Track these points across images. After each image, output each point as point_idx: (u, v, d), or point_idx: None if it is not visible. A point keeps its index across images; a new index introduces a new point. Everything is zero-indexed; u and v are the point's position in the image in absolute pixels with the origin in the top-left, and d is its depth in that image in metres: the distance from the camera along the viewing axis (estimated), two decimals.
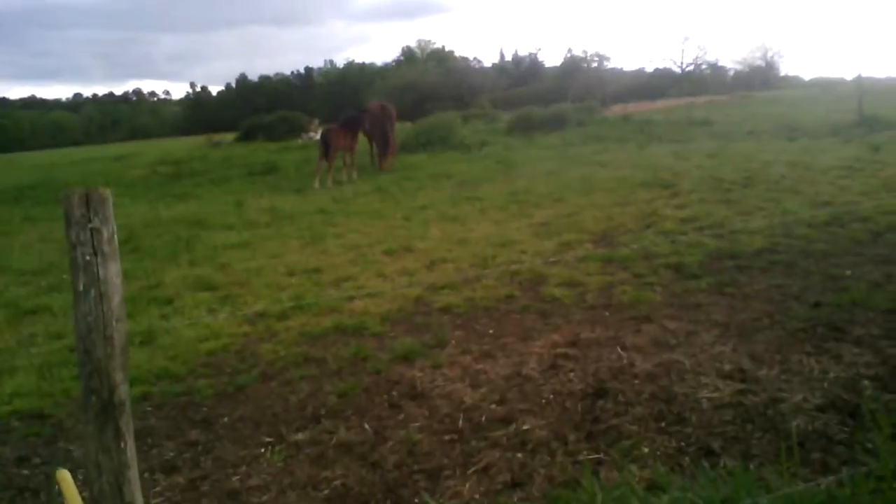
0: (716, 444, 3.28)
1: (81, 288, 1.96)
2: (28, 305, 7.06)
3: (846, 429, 3.31)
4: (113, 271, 1.99)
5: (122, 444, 2.08)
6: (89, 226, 1.96)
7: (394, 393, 4.25)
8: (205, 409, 4.34)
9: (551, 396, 3.98)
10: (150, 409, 4.40)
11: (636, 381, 4.06)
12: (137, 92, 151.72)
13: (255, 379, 4.69)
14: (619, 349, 4.58)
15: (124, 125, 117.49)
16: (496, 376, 4.32)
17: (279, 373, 4.76)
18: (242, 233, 10.14)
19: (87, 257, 1.96)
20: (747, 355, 4.31)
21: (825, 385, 3.80)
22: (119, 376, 2.01)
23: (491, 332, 5.20)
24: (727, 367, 4.15)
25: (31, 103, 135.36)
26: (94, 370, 1.99)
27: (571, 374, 4.25)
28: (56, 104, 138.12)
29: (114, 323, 2.00)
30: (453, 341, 5.02)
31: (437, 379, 4.37)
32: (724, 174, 11.89)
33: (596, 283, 6.15)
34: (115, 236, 2.05)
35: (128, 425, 2.10)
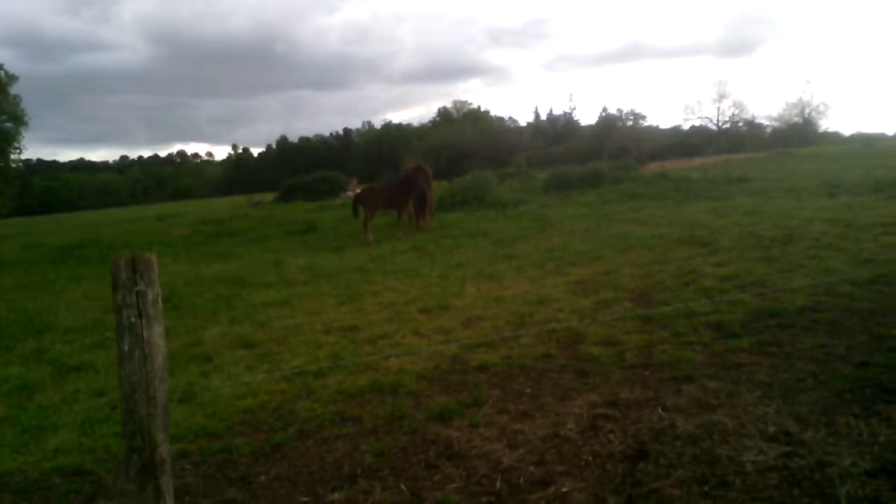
0: None
1: (126, 349, 2.00)
2: (72, 362, 7.19)
3: None
4: (157, 333, 2.03)
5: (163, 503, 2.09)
6: (135, 289, 2.00)
7: (430, 453, 4.21)
8: (242, 467, 4.34)
9: (590, 458, 3.90)
10: (188, 466, 4.41)
11: (677, 443, 3.97)
12: (181, 154, 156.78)
13: (292, 437, 4.69)
14: (659, 410, 4.50)
15: (168, 186, 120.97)
16: (534, 437, 4.27)
17: (315, 431, 4.75)
18: (281, 291, 10.27)
19: (133, 319, 2.00)
20: (792, 417, 4.19)
21: (875, 449, 3.67)
22: (160, 436, 2.03)
23: (528, 391, 5.14)
24: (771, 428, 4.05)
25: (80, 166, 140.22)
26: (137, 429, 2.01)
27: (611, 436, 4.17)
28: (103, 166, 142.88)
29: (157, 383, 2.03)
30: (490, 400, 4.98)
31: (474, 439, 4.33)
32: (763, 231, 11.76)
33: (634, 341, 6.07)
34: (160, 299, 2.10)
35: (168, 485, 2.11)
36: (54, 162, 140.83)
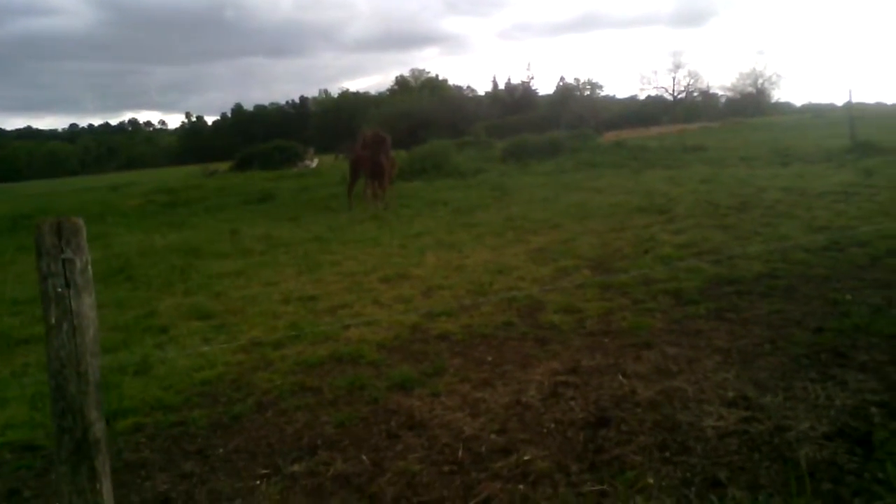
0: (722, 475, 3.20)
1: (53, 321, 1.88)
2: (20, 335, 6.96)
3: (856, 458, 3.23)
4: (87, 304, 1.90)
5: (98, 486, 1.98)
6: (61, 256, 1.87)
7: (392, 423, 4.16)
8: (199, 439, 4.24)
9: (552, 425, 3.90)
10: (143, 440, 4.30)
11: (639, 410, 3.98)
12: (133, 122, 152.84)
13: (251, 409, 4.60)
14: (620, 376, 4.51)
15: (120, 155, 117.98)
16: (496, 405, 4.24)
17: (274, 402, 4.66)
18: (237, 261, 10.08)
19: (59, 289, 1.87)
20: (751, 382, 4.24)
21: (832, 412, 3.73)
22: (94, 414, 1.92)
23: (489, 359, 5.12)
24: (731, 394, 4.08)
25: (27, 134, 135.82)
26: (68, 408, 1.90)
27: (572, 403, 4.17)
28: (52, 134, 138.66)
29: (88, 358, 1.91)
30: (451, 369, 4.94)
31: (435, 408, 4.29)
32: (719, 199, 11.91)
33: (594, 309, 6.09)
34: (90, 267, 1.97)
35: (104, 465, 2.00)
36: (0, 130, 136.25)
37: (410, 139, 40.62)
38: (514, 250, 9.11)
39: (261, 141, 47.05)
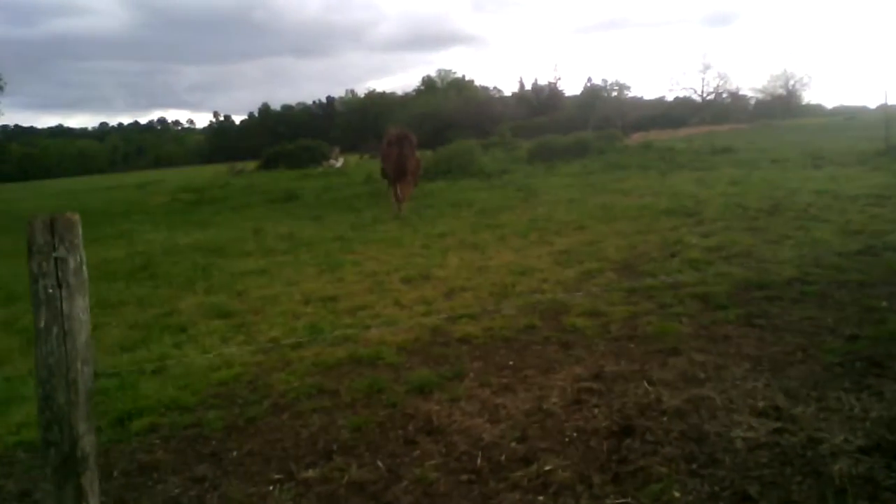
0: (753, 489, 3.05)
1: (43, 325, 1.75)
2: None
3: (894, 474, 3.07)
4: (79, 306, 1.77)
5: None
6: (53, 255, 1.74)
7: (409, 428, 4.06)
8: (213, 442, 4.17)
9: (574, 434, 3.77)
10: (157, 441, 4.24)
11: (664, 419, 3.84)
12: (162, 121, 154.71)
13: (267, 411, 4.52)
14: (645, 383, 4.37)
15: (149, 153, 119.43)
16: (516, 411, 4.12)
17: (291, 405, 4.58)
18: (259, 260, 10.05)
19: (50, 290, 1.74)
20: (782, 391, 4.08)
21: (867, 425, 3.56)
22: (83, 427, 1.78)
23: (511, 363, 5.00)
24: (761, 403, 3.93)
25: (58, 132, 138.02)
26: (54, 419, 1.76)
27: (596, 410, 4.04)
28: (82, 133, 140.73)
29: (79, 365, 1.78)
30: (472, 373, 4.83)
31: (454, 413, 4.18)
32: (749, 202, 11.66)
33: (620, 313, 5.94)
34: (84, 267, 1.84)
35: (92, 484, 1.84)
36: (32, 128, 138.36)
37: (436, 139, 40.56)
38: (539, 252, 8.97)
39: (288, 140, 47.20)
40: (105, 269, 10.43)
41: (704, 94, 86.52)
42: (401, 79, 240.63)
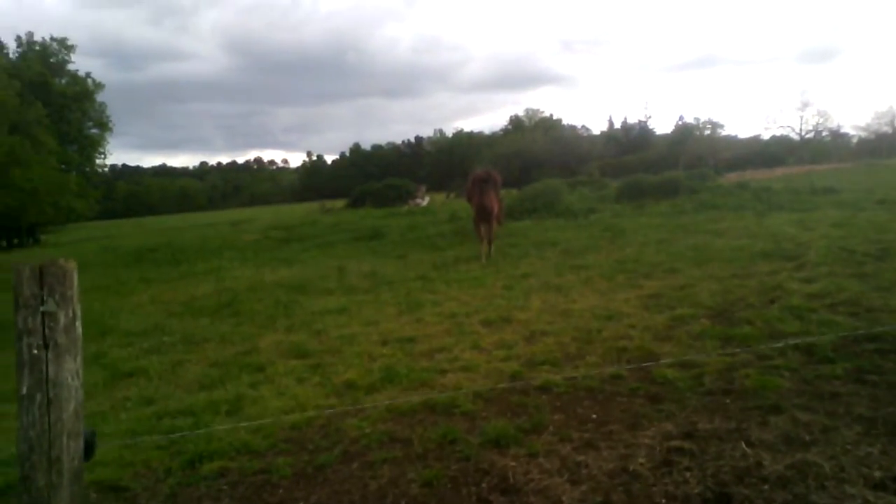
0: None
1: (25, 391, 1.44)
2: (126, 368, 7.10)
3: None
4: (69, 370, 1.47)
5: None
6: (41, 308, 1.49)
7: (483, 485, 3.80)
8: (281, 490, 4.03)
9: (664, 501, 3.42)
10: (225, 487, 4.14)
11: (766, 487, 3.46)
12: (258, 160, 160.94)
13: (337, 458, 4.36)
14: (743, 445, 3.97)
15: (245, 192, 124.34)
16: (599, 471, 3.81)
17: (361, 453, 4.41)
18: (341, 298, 10.03)
19: (35, 350, 1.45)
20: None
21: None
22: None
23: (594, 416, 4.68)
24: (877, 474, 3.49)
25: (162, 171, 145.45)
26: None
27: (687, 474, 3.68)
28: (184, 172, 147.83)
29: (64, 440, 1.46)
30: (551, 426, 4.54)
31: (531, 470, 3.90)
32: (854, 245, 10.90)
33: (714, 364, 5.51)
34: (78, 323, 1.56)
35: None
36: (138, 167, 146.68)
37: (523, 179, 40.45)
38: (626, 295, 8.57)
39: (377, 179, 48.07)
40: (193, 305, 10.65)
41: (803, 133, 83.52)
42: (488, 118, 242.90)
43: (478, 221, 14.11)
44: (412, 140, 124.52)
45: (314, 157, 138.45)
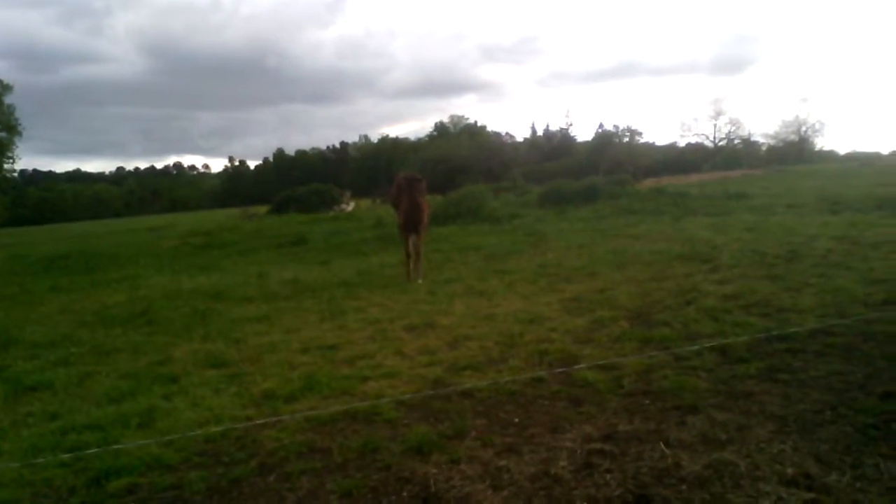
0: None
1: None
2: (30, 381, 6.70)
3: None
4: None
5: None
6: None
7: (404, 494, 3.72)
8: None
9: None
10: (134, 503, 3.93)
11: (684, 487, 3.50)
12: (178, 165, 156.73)
13: (253, 471, 4.20)
14: (662, 445, 4.02)
15: (164, 197, 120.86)
16: (520, 476, 3.78)
17: (279, 464, 4.26)
18: (261, 306, 9.78)
19: None
20: (811, 456, 3.73)
21: None
22: None
23: (516, 420, 4.66)
24: (790, 470, 3.57)
25: (76, 176, 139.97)
26: None
27: (608, 476, 3.69)
28: (99, 177, 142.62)
29: None
30: (474, 431, 4.49)
31: (453, 477, 3.84)
32: (765, 248, 11.32)
33: (633, 365, 5.59)
34: None
35: None
36: (50, 172, 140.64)
37: (447, 184, 40.56)
38: (548, 299, 8.64)
39: (301, 185, 47.40)
40: (105, 314, 10.20)
41: (717, 141, 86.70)
42: (414, 125, 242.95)
43: (405, 229, 11.97)
44: (337, 145, 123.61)
45: (236, 163, 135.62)
